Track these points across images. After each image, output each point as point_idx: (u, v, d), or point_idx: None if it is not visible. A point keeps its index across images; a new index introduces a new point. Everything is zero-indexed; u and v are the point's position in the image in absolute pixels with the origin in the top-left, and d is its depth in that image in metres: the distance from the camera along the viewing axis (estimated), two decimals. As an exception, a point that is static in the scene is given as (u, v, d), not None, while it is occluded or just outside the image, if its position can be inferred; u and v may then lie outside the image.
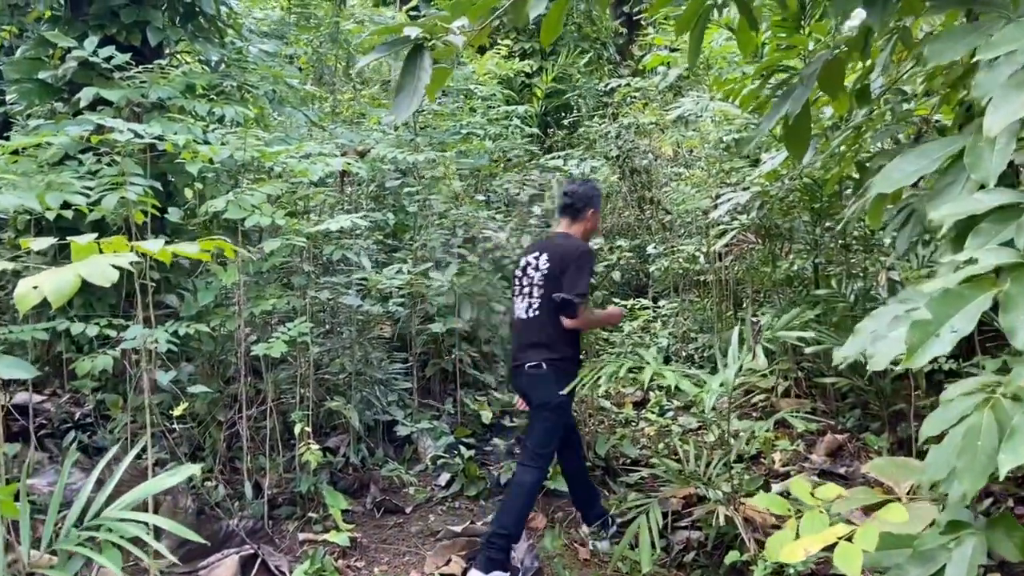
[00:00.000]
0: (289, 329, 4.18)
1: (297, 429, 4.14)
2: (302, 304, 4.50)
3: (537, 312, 3.95)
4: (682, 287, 8.37)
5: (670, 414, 5.76)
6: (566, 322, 3.88)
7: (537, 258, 4.00)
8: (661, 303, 7.98)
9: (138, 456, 3.97)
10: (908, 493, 3.31)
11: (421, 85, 2.03)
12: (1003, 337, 1.67)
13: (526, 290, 4.02)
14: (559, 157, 6.91)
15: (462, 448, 4.98)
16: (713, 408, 3.93)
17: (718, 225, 6.21)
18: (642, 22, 15.31)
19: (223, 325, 4.31)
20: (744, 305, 8.00)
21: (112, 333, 3.87)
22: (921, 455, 4.62)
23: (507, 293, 6.40)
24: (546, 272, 3.91)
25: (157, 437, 4.29)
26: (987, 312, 5.35)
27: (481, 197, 5.93)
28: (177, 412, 3.50)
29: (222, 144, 4.45)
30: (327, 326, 5.33)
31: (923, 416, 5.35)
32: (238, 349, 4.33)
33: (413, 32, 2.03)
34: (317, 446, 4.09)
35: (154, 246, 1.97)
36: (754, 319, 3.85)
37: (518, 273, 4.11)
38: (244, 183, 4.68)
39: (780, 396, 5.87)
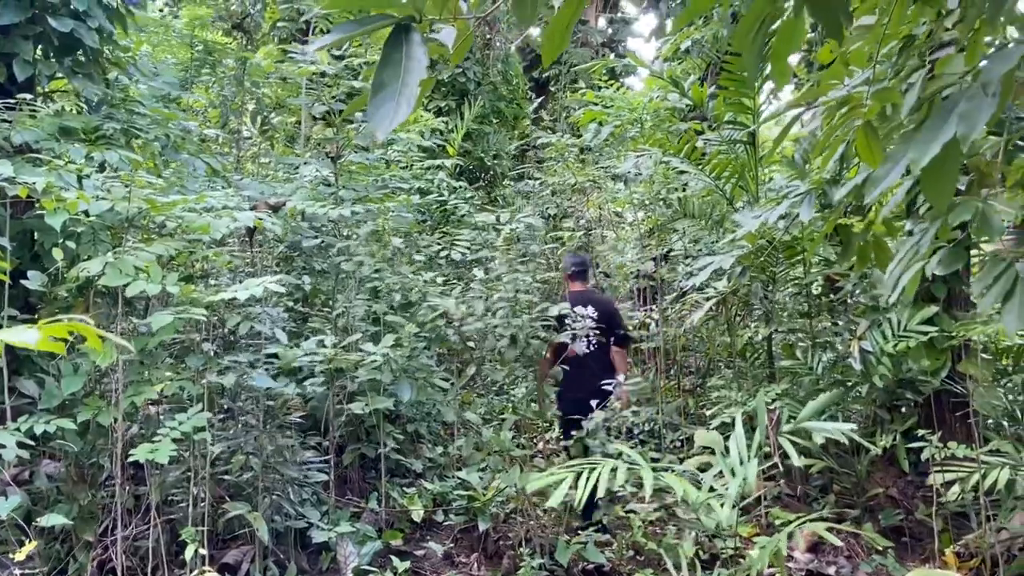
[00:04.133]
0: (180, 423, 3.33)
1: (189, 552, 3.26)
2: (199, 391, 3.65)
3: (594, 347, 5.23)
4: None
5: (630, 505, 5.10)
6: (618, 352, 5.31)
7: (585, 308, 5.17)
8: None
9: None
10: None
11: (413, 80, 1.32)
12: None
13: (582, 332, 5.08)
14: (490, 212, 6.33)
15: (393, 558, 4.16)
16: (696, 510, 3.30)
17: (688, 293, 5.72)
18: (551, 88, 15.63)
19: (95, 418, 3.41)
20: (680, 375, 7.51)
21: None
22: (945, 563, 4.11)
23: (440, 369, 5.68)
24: (595, 318, 5.10)
25: (4, 564, 3.32)
26: (947, 381, 4.80)
27: (419, 257, 5.22)
28: (20, 555, 2.58)
29: (105, 191, 3.63)
30: (227, 410, 4.46)
31: (905, 505, 4.90)
32: (113, 449, 3.44)
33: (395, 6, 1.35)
34: (215, 574, 3.22)
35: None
36: (770, 408, 3.27)
37: (568, 320, 5.00)
38: (129, 242, 3.84)
39: (743, 479, 5.30)
